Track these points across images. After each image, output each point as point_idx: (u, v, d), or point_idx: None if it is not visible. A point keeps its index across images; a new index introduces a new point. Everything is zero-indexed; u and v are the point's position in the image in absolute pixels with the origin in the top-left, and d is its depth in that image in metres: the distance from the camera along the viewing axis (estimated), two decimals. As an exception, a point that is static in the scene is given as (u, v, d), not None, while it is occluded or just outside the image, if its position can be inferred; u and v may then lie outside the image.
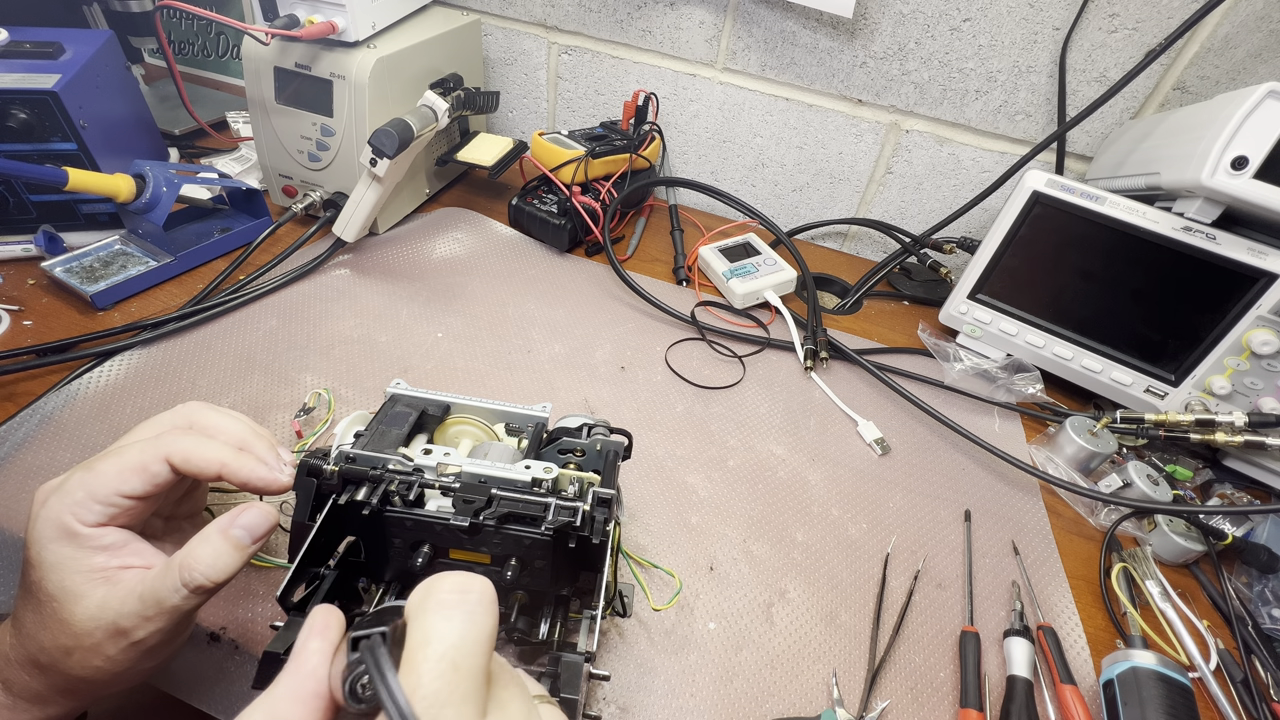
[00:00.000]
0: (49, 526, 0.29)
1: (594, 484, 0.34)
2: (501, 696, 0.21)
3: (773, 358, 0.68)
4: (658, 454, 0.55)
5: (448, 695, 0.19)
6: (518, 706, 0.22)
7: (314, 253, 0.68)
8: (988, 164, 0.78)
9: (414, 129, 0.64)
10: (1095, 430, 0.58)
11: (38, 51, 0.62)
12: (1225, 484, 0.59)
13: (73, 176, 0.55)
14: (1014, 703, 0.41)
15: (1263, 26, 0.62)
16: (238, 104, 0.90)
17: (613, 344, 0.66)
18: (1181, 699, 0.40)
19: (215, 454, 0.31)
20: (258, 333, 0.60)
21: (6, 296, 0.59)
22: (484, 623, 0.21)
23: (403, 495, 0.32)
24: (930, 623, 0.46)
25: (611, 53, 0.87)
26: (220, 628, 0.39)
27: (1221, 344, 0.57)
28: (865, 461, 0.58)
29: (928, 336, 0.71)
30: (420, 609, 0.21)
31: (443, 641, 0.20)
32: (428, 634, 0.20)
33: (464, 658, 0.20)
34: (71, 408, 0.50)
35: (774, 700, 0.41)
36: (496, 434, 0.42)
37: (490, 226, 0.80)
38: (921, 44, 0.73)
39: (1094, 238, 0.59)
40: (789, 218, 0.91)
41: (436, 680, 0.19)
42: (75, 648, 0.28)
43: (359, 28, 0.64)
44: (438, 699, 0.19)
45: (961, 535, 0.53)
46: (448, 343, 0.63)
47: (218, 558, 0.29)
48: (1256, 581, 0.52)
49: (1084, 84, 0.70)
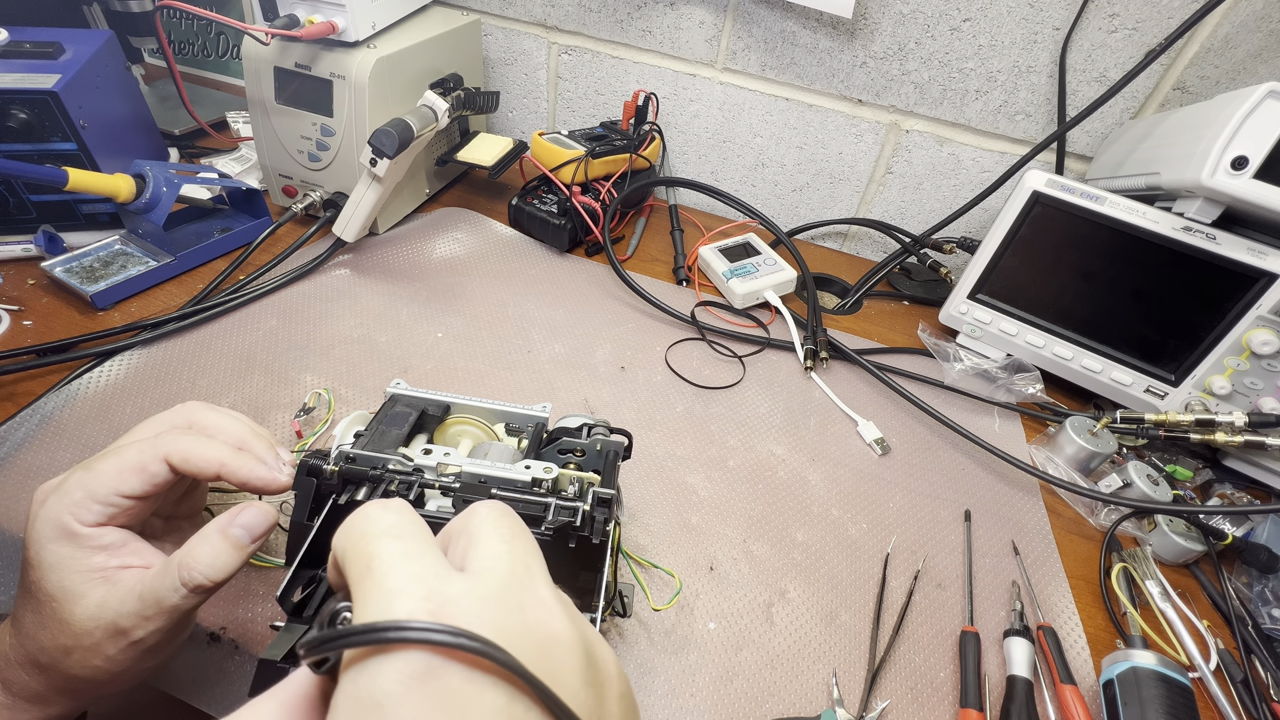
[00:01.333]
0: (48, 526, 0.29)
1: (594, 484, 0.34)
2: None
3: (773, 358, 0.68)
4: (658, 454, 0.55)
5: (405, 553, 0.20)
6: (491, 545, 0.22)
7: (314, 253, 0.68)
8: (988, 164, 0.78)
9: (414, 129, 0.64)
10: (1095, 430, 0.58)
11: (38, 51, 0.62)
12: (1225, 484, 0.59)
13: (73, 176, 0.55)
14: (1014, 703, 0.41)
15: (1263, 26, 0.62)
16: (238, 104, 0.90)
17: (613, 344, 0.66)
18: (1181, 699, 0.40)
19: (214, 454, 0.31)
20: (258, 333, 0.60)
21: (6, 296, 0.59)
22: (409, 513, 0.22)
23: (403, 495, 0.32)
24: (930, 623, 0.46)
25: (611, 53, 0.87)
26: (220, 628, 0.39)
27: (1221, 344, 0.57)
28: (865, 461, 0.58)
29: (928, 336, 0.71)
30: (343, 535, 0.21)
31: (379, 526, 0.21)
32: (362, 530, 0.21)
33: (406, 528, 0.21)
34: (71, 408, 0.50)
35: (774, 700, 0.41)
36: (496, 434, 0.42)
37: (490, 226, 0.80)
38: (921, 44, 0.73)
39: (1094, 238, 0.59)
40: (789, 218, 0.91)
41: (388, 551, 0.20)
42: (75, 647, 0.28)
43: (359, 28, 0.64)
44: (395, 558, 0.19)
45: (961, 535, 0.53)
46: (448, 343, 0.63)
47: (217, 557, 0.29)
48: (1256, 581, 0.52)
49: (1084, 84, 0.70)
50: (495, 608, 0.19)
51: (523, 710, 0.17)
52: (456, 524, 0.23)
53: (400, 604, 0.18)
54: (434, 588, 0.19)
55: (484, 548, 0.21)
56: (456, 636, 0.17)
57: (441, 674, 0.17)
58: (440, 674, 0.17)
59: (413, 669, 0.17)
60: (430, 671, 0.17)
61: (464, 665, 0.17)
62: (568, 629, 0.20)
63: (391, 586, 0.18)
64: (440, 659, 0.17)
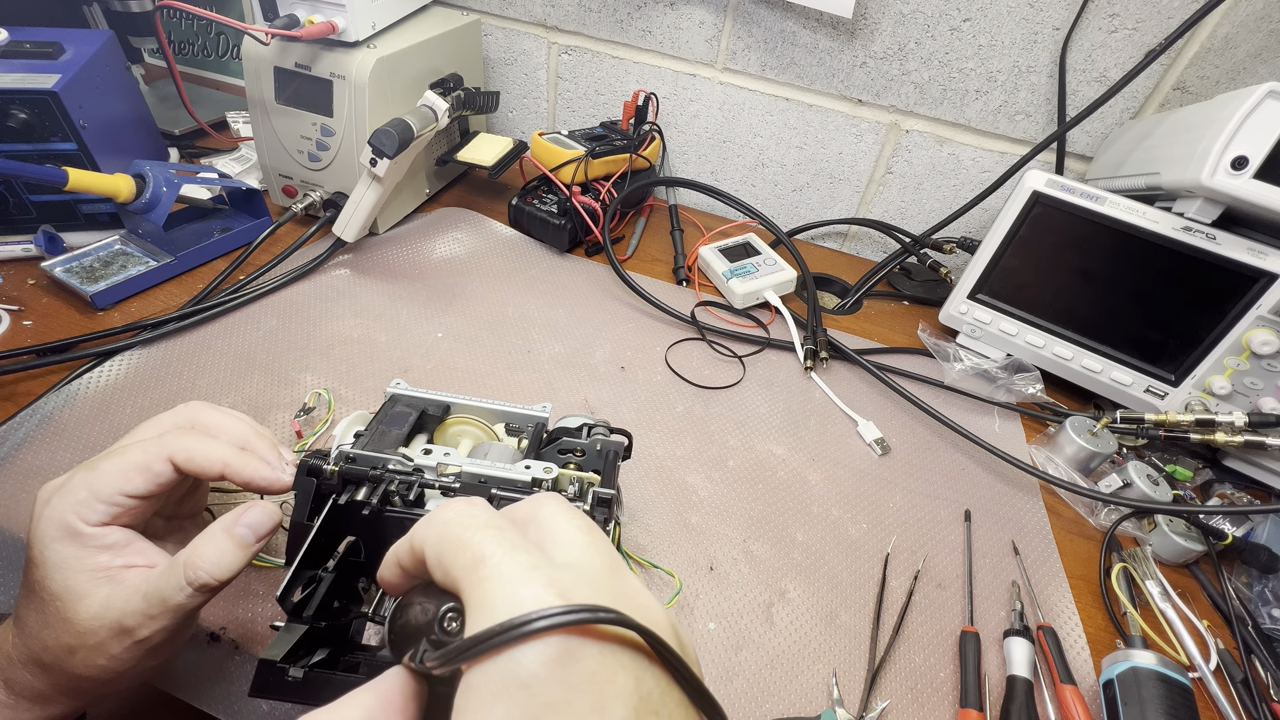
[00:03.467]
0: (52, 526, 0.29)
1: (594, 484, 0.34)
2: None
3: (773, 358, 0.68)
4: (658, 454, 0.55)
5: (507, 543, 0.20)
6: (573, 536, 0.22)
7: (314, 253, 0.68)
8: (988, 164, 0.78)
9: (414, 129, 0.64)
10: (1095, 430, 0.58)
11: (38, 51, 0.62)
12: (1225, 484, 0.59)
13: (73, 176, 0.55)
14: (1014, 703, 0.41)
15: (1263, 26, 0.62)
16: (238, 104, 0.90)
17: (613, 344, 0.66)
18: (1181, 699, 0.40)
19: (218, 454, 0.31)
20: (258, 333, 0.60)
21: (6, 296, 0.59)
22: (492, 509, 0.23)
23: (403, 495, 0.32)
24: (930, 623, 0.46)
25: (611, 53, 0.87)
26: (220, 627, 0.39)
27: (1221, 344, 0.57)
28: (865, 461, 0.58)
29: (928, 336, 0.71)
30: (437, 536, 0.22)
31: (473, 522, 0.21)
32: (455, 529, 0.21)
33: (498, 520, 0.21)
34: (71, 408, 0.50)
35: (774, 700, 0.41)
36: (496, 434, 0.42)
37: (490, 226, 0.80)
38: (921, 44, 0.73)
39: (1094, 238, 0.59)
40: (789, 218, 0.91)
41: (489, 542, 0.20)
42: (79, 647, 0.28)
43: (359, 28, 0.64)
44: (498, 547, 0.20)
45: (961, 535, 0.53)
46: (448, 343, 0.63)
47: (222, 556, 0.29)
48: (1256, 581, 0.52)
49: (1084, 84, 0.70)
50: (603, 593, 0.20)
51: (653, 680, 0.19)
52: (521, 512, 0.23)
53: (526, 591, 0.19)
54: (551, 574, 0.19)
55: (568, 539, 0.22)
56: (597, 613, 0.18)
57: (580, 653, 0.18)
58: (579, 654, 0.18)
59: (554, 651, 0.18)
60: (570, 652, 0.18)
61: (600, 643, 0.18)
62: (662, 612, 0.21)
63: (511, 574, 0.19)
64: (577, 639, 0.18)
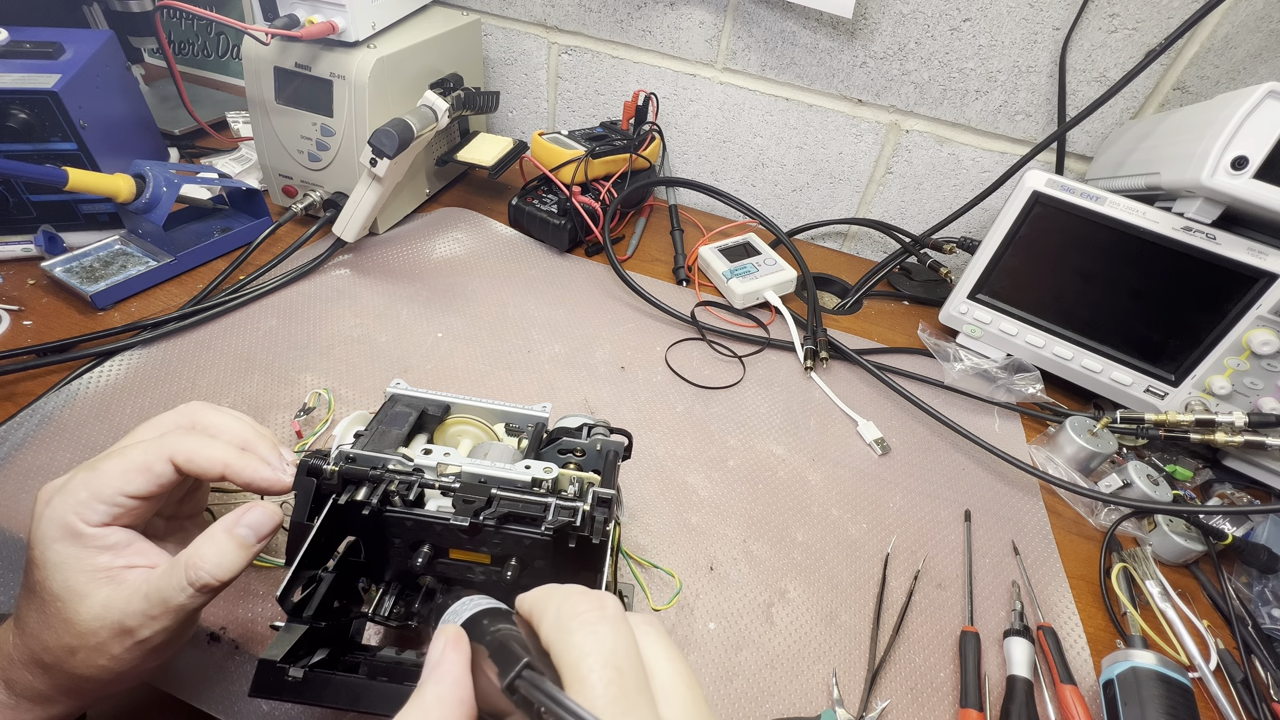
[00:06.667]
0: (53, 526, 0.29)
1: (594, 484, 0.34)
2: (659, 681, 0.22)
3: (773, 358, 0.68)
4: (658, 454, 0.55)
5: (623, 697, 0.20)
6: (680, 691, 0.22)
7: (314, 253, 0.68)
8: (988, 164, 0.78)
9: (414, 129, 0.64)
10: (1095, 430, 0.58)
11: (38, 51, 0.62)
12: (1225, 484, 0.59)
13: (73, 176, 0.55)
14: (1014, 703, 0.41)
15: (1263, 26, 0.62)
16: (238, 104, 0.90)
17: (613, 344, 0.66)
18: (1181, 699, 0.40)
19: (219, 454, 0.31)
20: (258, 333, 0.60)
21: (6, 296, 0.59)
22: (627, 629, 0.23)
23: (403, 495, 0.32)
24: (930, 623, 0.46)
25: (611, 53, 0.87)
26: (220, 628, 0.39)
27: (1221, 344, 0.57)
28: (865, 461, 0.58)
29: (928, 336, 0.71)
30: (563, 630, 0.22)
31: (600, 651, 0.21)
32: (583, 648, 0.21)
33: (624, 660, 0.21)
34: (71, 408, 0.50)
35: (774, 700, 0.41)
36: (496, 434, 0.42)
37: (490, 226, 0.80)
38: (921, 44, 0.73)
39: (1094, 238, 0.59)
40: (789, 218, 0.91)
41: (610, 686, 0.20)
42: (80, 647, 0.28)
43: (359, 28, 0.64)
44: (615, 703, 0.20)
45: (961, 535, 0.53)
46: (448, 343, 0.63)
47: (223, 556, 0.29)
48: (1256, 581, 0.52)
49: (1084, 84, 0.70)
50: None
51: None
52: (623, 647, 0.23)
53: (604, 716, 0.19)
54: None
55: (674, 693, 0.22)
56: None
57: None
58: None
59: None
60: None
61: None
62: None
63: (602, 701, 0.20)
64: None
